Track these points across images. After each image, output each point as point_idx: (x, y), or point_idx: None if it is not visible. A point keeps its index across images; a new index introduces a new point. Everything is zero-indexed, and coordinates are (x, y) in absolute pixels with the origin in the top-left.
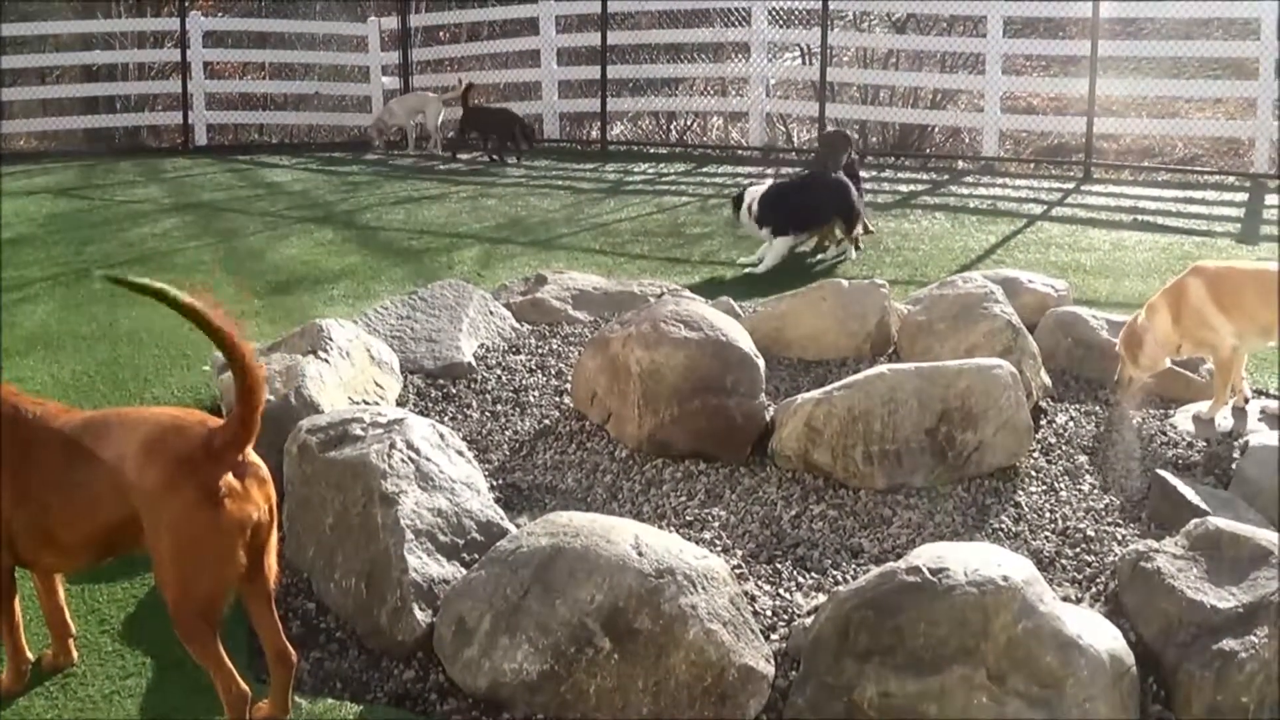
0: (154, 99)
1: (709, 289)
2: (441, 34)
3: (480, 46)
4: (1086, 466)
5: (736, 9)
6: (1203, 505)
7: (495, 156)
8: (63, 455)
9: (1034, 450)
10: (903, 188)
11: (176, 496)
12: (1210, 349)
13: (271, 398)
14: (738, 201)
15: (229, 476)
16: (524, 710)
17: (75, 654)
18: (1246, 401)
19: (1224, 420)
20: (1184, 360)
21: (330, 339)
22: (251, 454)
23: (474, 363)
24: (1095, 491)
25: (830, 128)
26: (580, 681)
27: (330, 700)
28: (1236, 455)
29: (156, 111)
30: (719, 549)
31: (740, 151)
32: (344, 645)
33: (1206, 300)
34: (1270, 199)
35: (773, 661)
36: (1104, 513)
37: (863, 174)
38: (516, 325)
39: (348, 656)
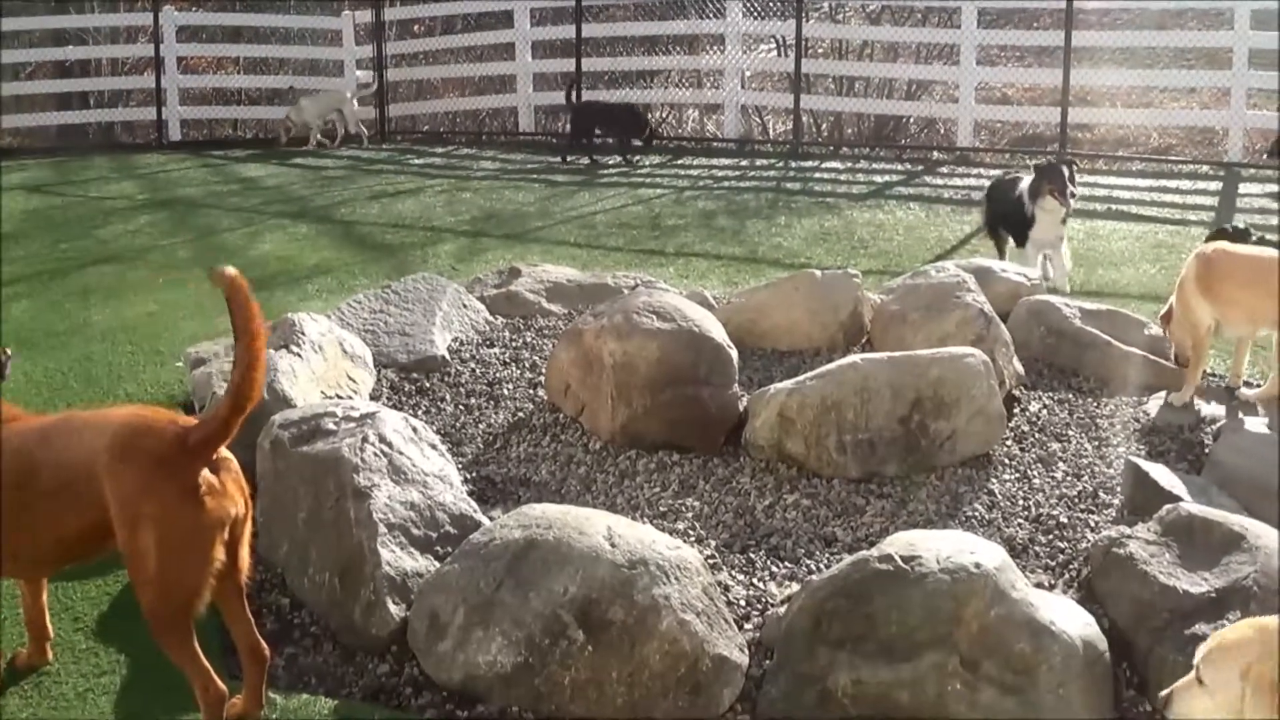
0: (127, 94)
1: (684, 281)
2: (416, 27)
3: (454, 40)
4: (1059, 454)
5: (711, 1)
6: (1175, 491)
7: (624, 155)
8: (18, 463)
9: (1007, 438)
10: (878, 178)
11: (157, 496)
12: (1191, 330)
13: None
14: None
15: (207, 473)
16: (498, 703)
17: (50, 654)
18: (1234, 390)
19: (1207, 407)
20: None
21: (303, 333)
22: (223, 449)
23: (447, 356)
24: (1068, 479)
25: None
26: (554, 673)
27: (305, 696)
28: (1210, 442)
29: (130, 107)
30: (693, 539)
31: (715, 143)
32: (318, 640)
33: (1192, 282)
34: (1244, 187)
35: (746, 651)
36: (1077, 499)
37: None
38: (490, 318)
39: (322, 651)
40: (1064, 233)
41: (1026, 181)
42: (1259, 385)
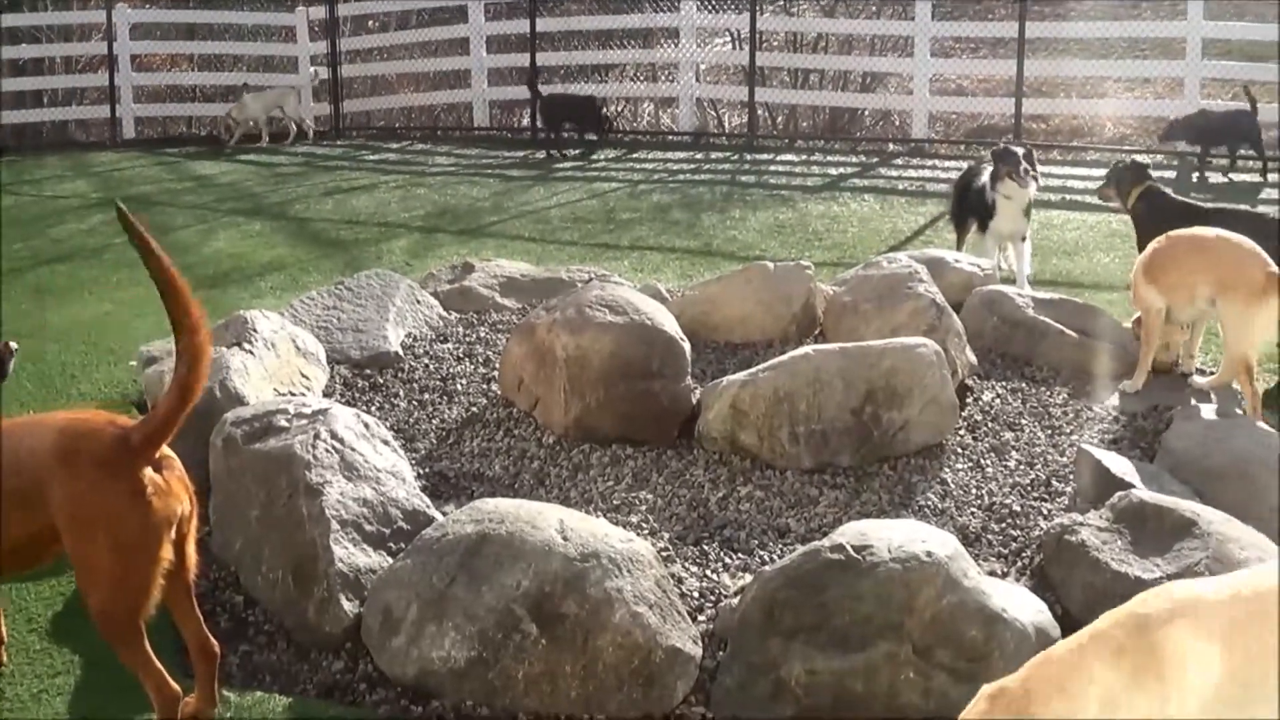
0: (81, 93)
1: (638, 274)
2: (370, 23)
3: (409, 35)
4: (1012, 443)
5: None
6: (1128, 478)
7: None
8: None
9: (960, 428)
10: (832, 171)
11: (102, 499)
12: (1143, 316)
13: None
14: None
15: (151, 472)
16: (453, 698)
17: (4, 656)
18: (1187, 375)
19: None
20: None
21: (255, 330)
22: (165, 448)
23: (401, 352)
24: (1021, 467)
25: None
26: (508, 668)
27: (259, 693)
28: (1162, 429)
29: (84, 105)
30: (646, 532)
31: (670, 137)
32: (272, 638)
33: (1140, 270)
34: (1196, 174)
35: (700, 643)
36: (1030, 488)
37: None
38: (444, 314)
39: (276, 649)
40: (1027, 228)
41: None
42: (1213, 373)
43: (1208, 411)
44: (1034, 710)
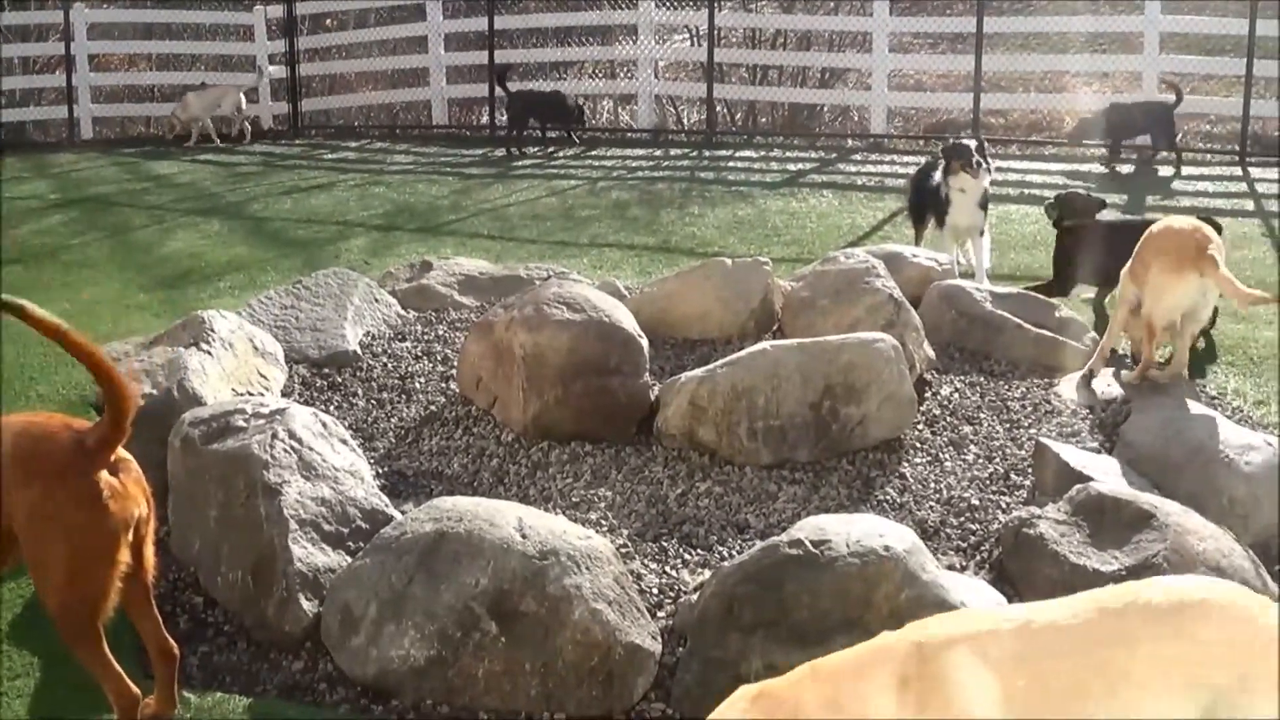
0: (38, 93)
1: (597, 271)
2: (328, 21)
3: (367, 33)
4: (971, 437)
5: None
6: (1086, 471)
7: (563, 141)
8: None
9: (918, 422)
10: (791, 166)
11: (59, 503)
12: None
13: (154, 391)
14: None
15: (107, 475)
16: (412, 697)
17: None
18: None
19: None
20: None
21: (213, 330)
22: (121, 450)
23: (359, 351)
24: (980, 461)
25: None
26: (468, 666)
27: (219, 694)
28: (1120, 422)
29: (42, 106)
30: (605, 529)
31: (630, 134)
32: (232, 638)
33: (1127, 265)
34: (1106, 169)
35: (659, 639)
36: (988, 482)
37: (751, 154)
38: (402, 312)
39: (236, 649)
40: (984, 222)
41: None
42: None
43: (1165, 404)
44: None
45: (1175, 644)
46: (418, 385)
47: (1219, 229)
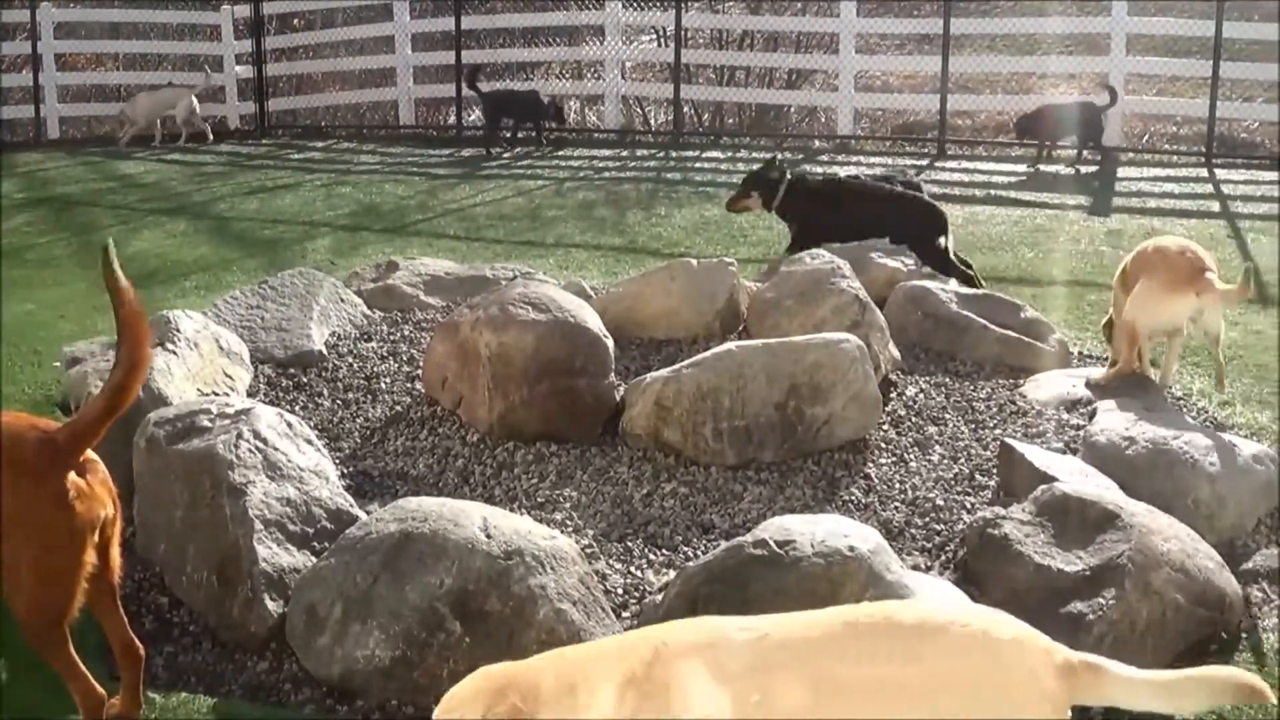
0: (5, 92)
1: (563, 272)
2: (295, 21)
3: (334, 33)
4: (936, 437)
5: None
6: (1050, 471)
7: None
8: None
9: (883, 422)
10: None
11: (26, 503)
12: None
13: None
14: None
15: (74, 477)
16: (378, 697)
17: None
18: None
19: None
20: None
21: (178, 330)
22: (88, 450)
23: (325, 351)
24: (944, 461)
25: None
26: (432, 666)
27: (184, 694)
28: (1085, 423)
29: (8, 105)
30: (570, 529)
31: (596, 134)
32: (197, 639)
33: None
34: (1122, 171)
35: None
36: (953, 482)
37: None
38: (368, 312)
39: (201, 650)
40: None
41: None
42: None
43: (1130, 405)
44: (541, 704)
45: (909, 667)
46: (383, 385)
47: None
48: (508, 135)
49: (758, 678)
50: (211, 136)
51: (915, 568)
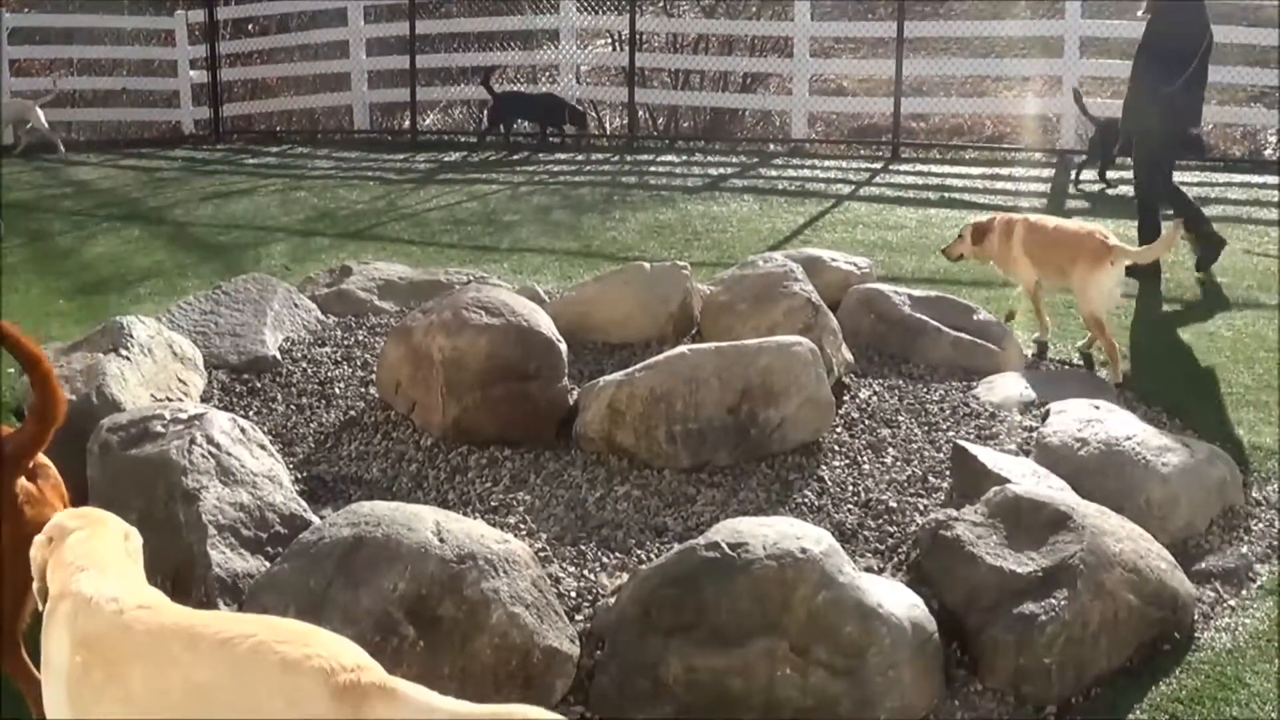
0: None
1: (518, 276)
2: (250, 26)
3: (289, 38)
4: (889, 439)
5: None
6: (1003, 473)
7: (548, 142)
8: None
9: (837, 425)
10: (713, 171)
11: None
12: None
13: (73, 397)
14: None
15: (24, 482)
16: None
17: None
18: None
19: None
20: None
21: (131, 336)
22: (40, 456)
23: (279, 356)
24: (897, 464)
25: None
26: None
27: None
28: (1037, 424)
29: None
30: (524, 533)
31: (552, 139)
32: None
33: (1019, 245)
34: (1083, 174)
35: (578, 642)
36: (906, 484)
37: (673, 158)
38: (322, 317)
39: None
40: None
41: None
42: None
43: (1082, 405)
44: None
45: (175, 674)
46: (337, 390)
47: None
48: (523, 137)
49: (97, 648)
50: (63, 149)
51: (868, 569)
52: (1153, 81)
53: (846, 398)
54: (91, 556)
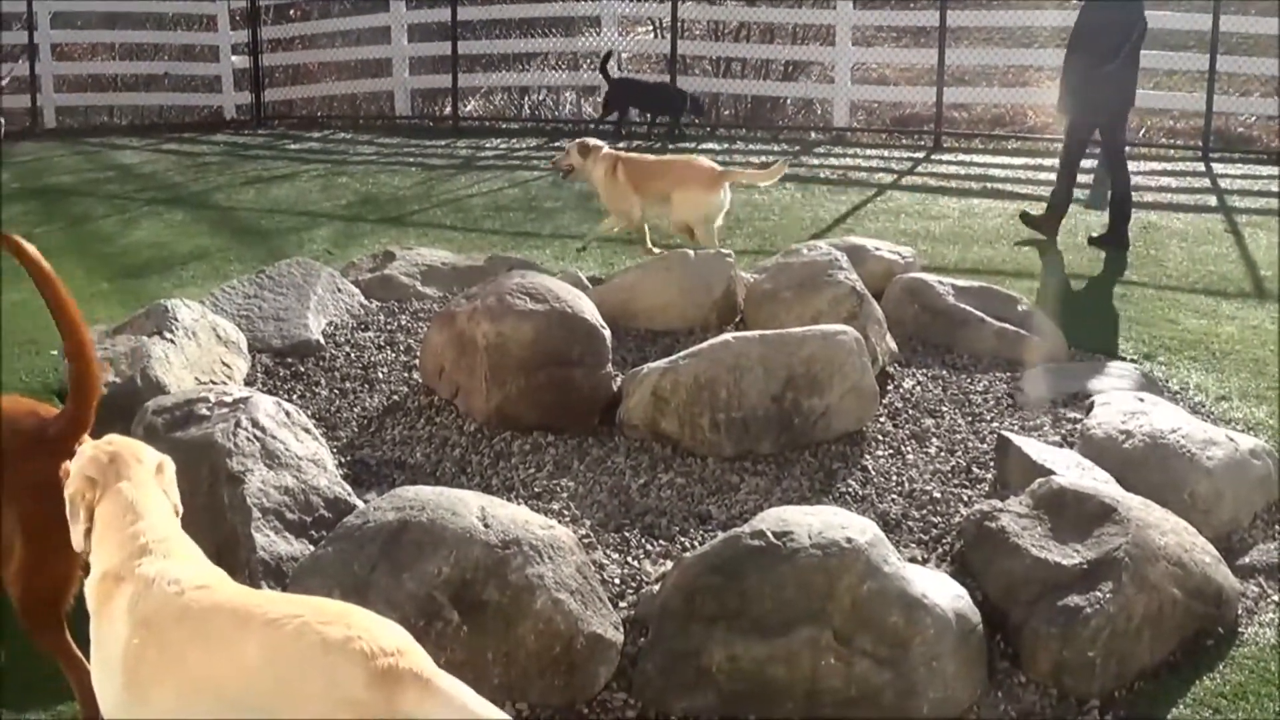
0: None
1: (560, 262)
2: (292, 11)
3: (330, 24)
4: (933, 430)
5: None
6: (1047, 464)
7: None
8: None
9: (880, 415)
10: (754, 159)
11: (14, 490)
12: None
13: (117, 380)
14: None
15: (68, 463)
16: None
17: None
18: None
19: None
20: None
21: (176, 319)
22: (86, 438)
23: (322, 340)
24: (942, 454)
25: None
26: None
27: None
28: (1081, 416)
29: (4, 95)
30: (568, 519)
31: (593, 125)
32: None
33: (625, 179)
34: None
35: (621, 629)
36: (950, 475)
37: (714, 146)
38: (365, 302)
39: None
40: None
41: None
42: None
43: (1126, 398)
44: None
45: (218, 654)
46: (380, 375)
47: None
48: (634, 124)
49: (156, 629)
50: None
51: (912, 560)
52: (1082, 68)
53: (890, 387)
54: (152, 530)
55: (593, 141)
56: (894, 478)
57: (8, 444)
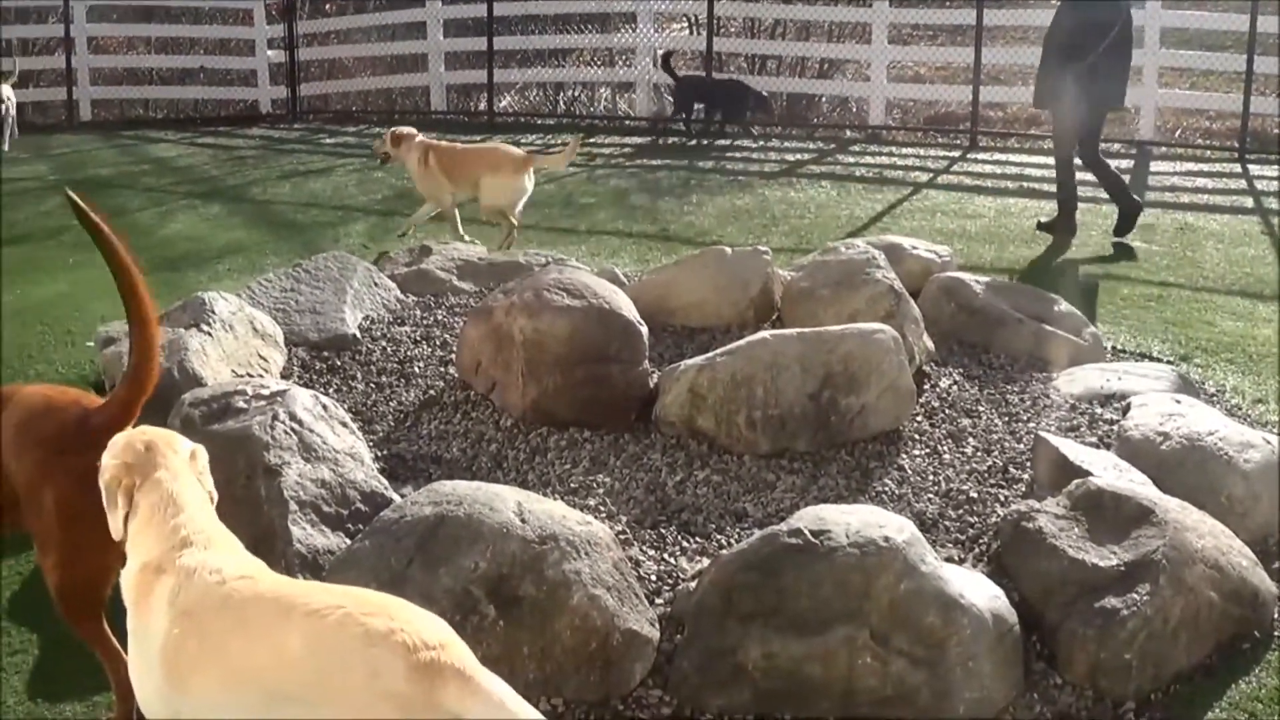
0: (37, 75)
1: (596, 259)
2: (328, 6)
3: (366, 18)
4: (969, 429)
5: None
6: (1085, 465)
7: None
8: None
9: (917, 414)
10: (790, 156)
11: (57, 479)
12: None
13: None
14: None
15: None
16: None
17: None
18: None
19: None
20: None
21: (213, 312)
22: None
23: (358, 334)
24: (978, 454)
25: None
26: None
27: None
28: (1118, 417)
29: (40, 88)
30: (604, 515)
31: (628, 122)
32: None
33: (437, 168)
34: (1155, 166)
35: (657, 625)
36: (987, 475)
37: (749, 143)
38: (401, 296)
39: None
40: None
41: None
42: None
43: (1164, 399)
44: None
45: (258, 643)
46: (417, 369)
47: None
48: (704, 123)
49: (197, 619)
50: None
51: (948, 560)
52: (1059, 64)
53: (927, 386)
54: (192, 522)
55: (405, 130)
56: (930, 477)
57: (51, 432)
